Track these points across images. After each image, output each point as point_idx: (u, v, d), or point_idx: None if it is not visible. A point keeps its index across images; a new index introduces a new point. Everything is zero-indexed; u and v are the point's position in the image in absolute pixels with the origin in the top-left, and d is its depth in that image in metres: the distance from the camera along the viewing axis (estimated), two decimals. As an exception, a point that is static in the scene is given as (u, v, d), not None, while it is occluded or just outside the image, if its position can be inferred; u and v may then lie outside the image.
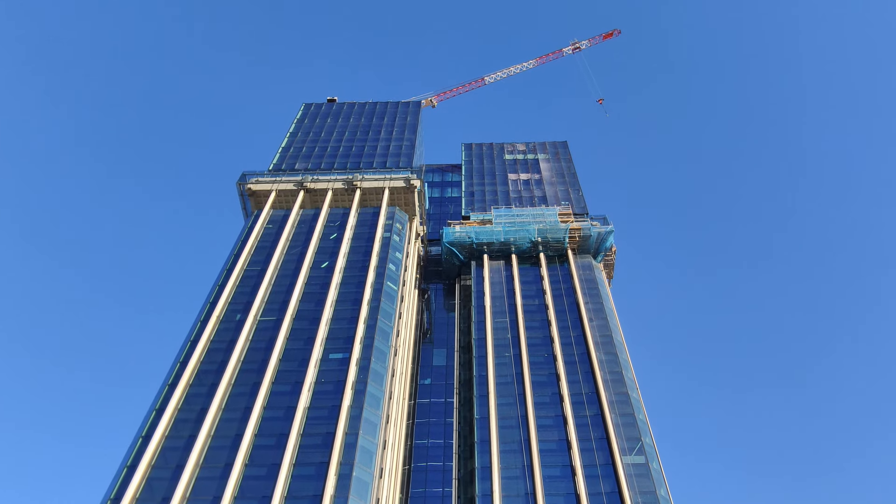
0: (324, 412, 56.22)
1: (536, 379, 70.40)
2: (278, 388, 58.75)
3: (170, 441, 53.78)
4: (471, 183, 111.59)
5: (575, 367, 71.45)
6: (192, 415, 55.98)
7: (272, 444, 53.36)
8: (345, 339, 64.16)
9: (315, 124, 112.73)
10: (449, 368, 79.63)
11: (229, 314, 67.81)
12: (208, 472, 51.22)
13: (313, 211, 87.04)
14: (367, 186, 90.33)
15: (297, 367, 60.69)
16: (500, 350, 74.62)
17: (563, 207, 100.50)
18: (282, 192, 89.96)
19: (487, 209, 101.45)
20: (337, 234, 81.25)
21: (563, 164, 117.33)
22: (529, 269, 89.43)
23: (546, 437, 63.50)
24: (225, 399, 57.73)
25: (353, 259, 76.77)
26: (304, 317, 67.26)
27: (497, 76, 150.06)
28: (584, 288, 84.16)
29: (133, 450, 53.07)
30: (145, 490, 49.90)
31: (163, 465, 51.68)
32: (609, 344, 74.50)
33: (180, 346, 64.08)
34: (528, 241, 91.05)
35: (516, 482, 59.28)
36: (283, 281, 72.83)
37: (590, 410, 65.79)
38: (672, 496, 58.96)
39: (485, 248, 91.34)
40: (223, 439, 53.88)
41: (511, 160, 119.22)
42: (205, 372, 60.46)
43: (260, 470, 51.30)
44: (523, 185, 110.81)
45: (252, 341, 64.26)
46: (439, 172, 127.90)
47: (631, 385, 69.52)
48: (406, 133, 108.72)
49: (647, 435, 63.84)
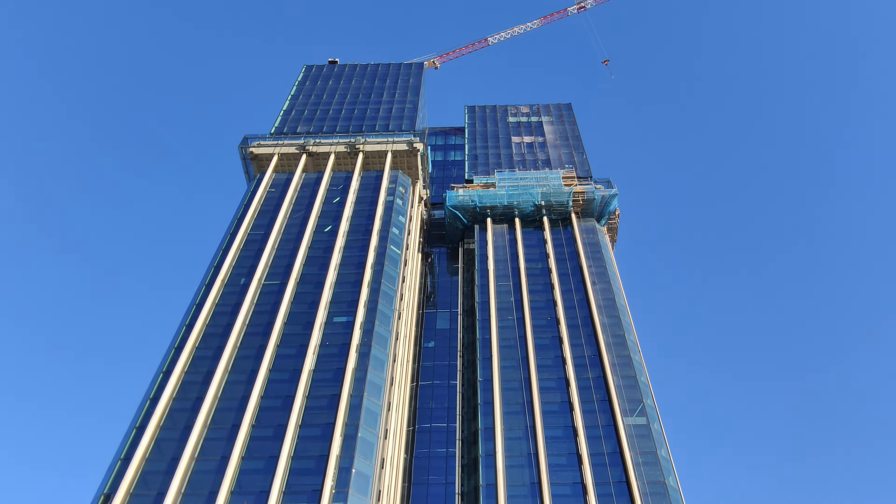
0: (329, 374, 56.88)
1: (539, 342, 70.96)
2: (283, 351, 59.36)
3: (177, 403, 54.55)
4: (474, 146, 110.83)
5: (577, 329, 71.94)
6: (199, 377, 56.70)
7: (278, 406, 54.13)
8: (349, 302, 64.57)
9: (316, 87, 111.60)
10: (452, 331, 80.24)
11: (234, 278, 68.15)
12: (216, 433, 52.05)
13: (316, 175, 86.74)
14: (369, 150, 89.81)
15: (302, 331, 61.21)
16: (503, 313, 75.06)
17: (566, 170, 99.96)
18: (284, 155, 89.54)
19: (491, 172, 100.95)
20: (340, 198, 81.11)
21: (567, 127, 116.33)
22: (533, 233, 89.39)
23: (549, 398, 64.27)
24: (231, 361, 58.37)
25: (356, 223, 76.80)
26: (308, 281, 67.59)
27: (500, 36, 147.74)
28: (588, 251, 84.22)
29: (141, 411, 53.88)
30: (154, 450, 50.79)
31: (171, 427, 52.49)
32: (612, 307, 74.87)
33: (185, 309, 64.61)
34: (531, 205, 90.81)
35: (519, 443, 60.20)
36: (287, 245, 73.01)
37: (592, 373, 66.45)
38: (672, 456, 59.89)
39: (488, 211, 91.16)
40: (230, 401, 54.65)
41: (515, 123, 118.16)
42: (210, 335, 61.03)
43: (266, 431, 52.12)
44: (527, 147, 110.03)
45: (257, 305, 64.70)
46: (442, 135, 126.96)
47: (633, 348, 70.07)
48: (408, 95, 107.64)
49: (649, 396, 64.58)
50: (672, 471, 58.04)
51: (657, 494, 54.77)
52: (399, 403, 63.20)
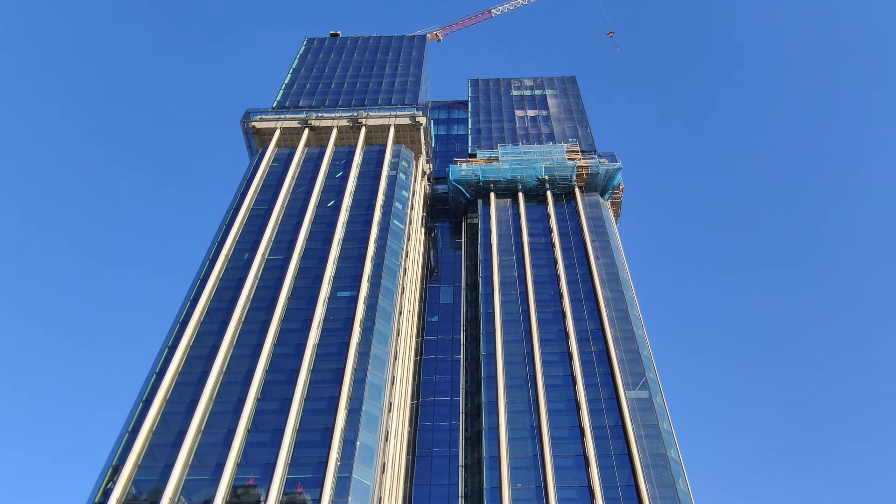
0: (333, 349, 57.23)
1: (542, 316, 71.18)
2: (288, 326, 59.67)
3: (183, 377, 55.02)
4: (477, 120, 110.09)
5: (581, 304, 72.10)
6: (204, 351, 57.09)
7: (283, 380, 54.57)
8: (352, 277, 64.72)
9: (318, 60, 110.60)
10: (456, 306, 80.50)
11: (237, 253, 68.27)
12: (222, 407, 52.57)
13: (318, 149, 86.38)
14: (372, 124, 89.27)
15: (306, 305, 61.46)
16: (506, 288, 75.22)
17: (570, 144, 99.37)
18: (286, 129, 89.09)
19: (494, 147, 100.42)
20: (343, 173, 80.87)
21: (571, 100, 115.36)
22: (536, 207, 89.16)
23: (551, 372, 64.67)
24: (236, 336, 58.73)
25: (359, 198, 76.65)
26: (311, 255, 67.69)
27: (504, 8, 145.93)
28: (591, 226, 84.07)
29: (148, 385, 54.38)
30: (161, 423, 51.36)
31: (177, 400, 53.01)
32: (615, 282, 74.93)
33: (189, 285, 64.83)
34: (535, 179, 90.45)
35: (522, 416, 60.73)
36: (290, 220, 72.98)
37: (595, 347, 66.74)
38: (674, 429, 60.39)
39: (491, 186, 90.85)
40: (235, 375, 55.10)
41: (518, 96, 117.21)
42: (215, 310, 61.33)
43: (272, 404, 52.62)
44: (530, 121, 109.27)
45: (261, 279, 64.90)
46: (445, 109, 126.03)
47: (636, 322, 70.27)
48: (411, 69, 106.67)
49: (651, 370, 64.92)
50: (674, 443, 58.57)
51: (659, 466, 55.34)
52: (403, 377, 63.65)
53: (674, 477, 54.78)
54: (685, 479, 56.08)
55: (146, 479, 47.54)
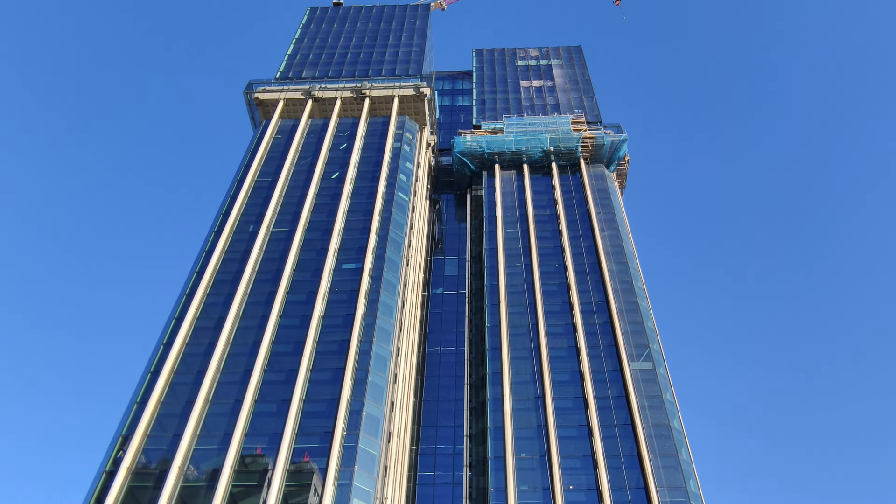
0: (338, 320, 57.57)
1: (547, 288, 71.32)
2: (293, 298, 59.97)
3: (190, 348, 55.50)
4: (482, 91, 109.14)
5: (585, 276, 72.16)
6: (211, 323, 57.51)
7: (289, 351, 55.02)
8: (357, 249, 64.83)
9: (321, 30, 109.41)
10: (460, 278, 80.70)
11: (242, 225, 68.39)
12: (229, 377, 53.13)
13: (322, 121, 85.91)
14: (376, 95, 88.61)
15: (311, 277, 61.69)
16: (511, 260, 75.25)
17: (576, 116, 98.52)
18: (290, 101, 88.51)
19: (499, 118, 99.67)
20: (347, 145, 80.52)
21: (576, 71, 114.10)
22: (541, 179, 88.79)
23: (556, 344, 64.99)
24: (242, 307, 59.09)
25: (363, 170, 76.43)
26: (316, 228, 67.76)
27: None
28: (596, 198, 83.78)
29: (155, 356, 54.90)
30: (169, 394, 51.97)
31: (185, 371, 53.56)
32: (620, 254, 74.87)
33: (195, 257, 65.11)
34: (540, 151, 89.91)
35: (526, 387, 61.20)
36: (294, 192, 72.92)
37: (599, 319, 66.95)
38: (678, 400, 60.81)
39: (496, 157, 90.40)
40: (242, 346, 55.56)
41: (524, 66, 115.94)
42: (221, 282, 61.64)
43: (278, 375, 53.12)
44: (536, 92, 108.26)
45: (266, 252, 65.08)
46: (450, 80, 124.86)
47: (640, 294, 70.35)
48: (415, 38, 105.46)
49: (655, 342, 65.15)
50: (677, 414, 59.03)
51: (661, 436, 55.84)
52: (408, 349, 64.08)
53: (676, 447, 55.30)
54: (688, 448, 56.63)
55: (155, 448, 48.26)
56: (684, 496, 51.87)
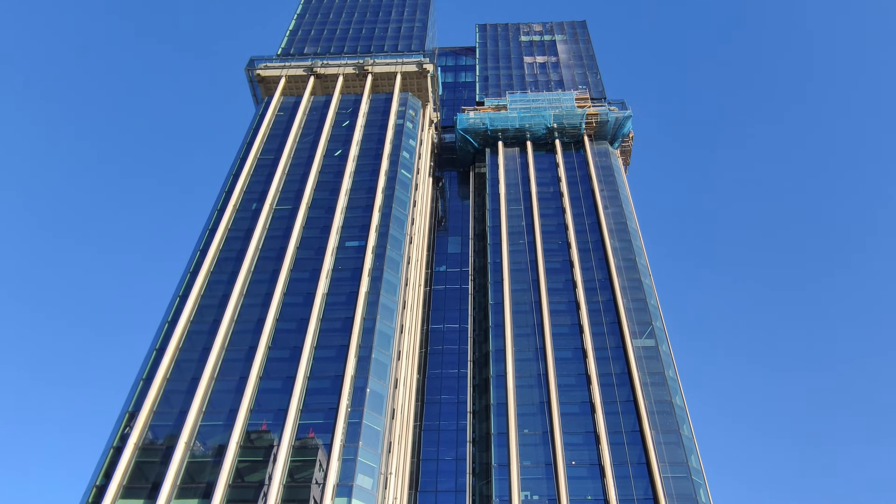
0: (342, 298, 57.80)
1: (550, 265, 71.39)
2: (297, 276, 60.16)
3: (195, 325, 55.84)
4: (485, 67, 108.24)
5: (589, 253, 72.18)
6: (215, 301, 57.79)
7: (293, 329, 55.33)
8: (360, 227, 64.85)
9: (323, 5, 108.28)
10: (464, 256, 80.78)
11: (245, 203, 68.38)
12: (234, 354, 53.51)
13: (324, 98, 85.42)
14: (378, 71, 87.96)
15: (315, 255, 61.82)
16: (514, 237, 75.25)
17: (580, 92, 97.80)
18: (291, 78, 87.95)
19: (502, 94, 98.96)
20: (349, 122, 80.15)
21: (581, 46, 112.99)
22: (544, 156, 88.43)
23: (559, 321, 65.21)
24: (246, 286, 59.32)
25: (366, 147, 76.17)
26: (319, 206, 67.74)
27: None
28: (600, 175, 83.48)
29: (160, 333, 55.25)
30: (175, 371, 52.40)
31: (190, 348, 53.94)
32: (623, 231, 74.79)
33: (198, 235, 65.17)
34: (543, 128, 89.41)
35: (529, 364, 61.54)
36: (297, 170, 72.78)
37: (602, 296, 67.09)
38: (680, 377, 61.11)
39: (499, 134, 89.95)
40: (246, 323, 55.87)
41: (527, 42, 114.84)
42: (225, 260, 61.82)
43: (283, 352, 53.49)
44: (539, 68, 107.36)
45: (269, 230, 65.15)
46: (452, 56, 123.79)
47: (644, 271, 70.39)
48: (418, 13, 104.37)
49: (658, 319, 65.32)
50: (679, 390, 59.37)
51: (663, 413, 56.23)
52: (411, 326, 64.38)
53: (678, 423, 55.71)
54: (690, 425, 57.05)
55: (162, 424, 48.80)
56: (685, 471, 52.38)
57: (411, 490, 57.99)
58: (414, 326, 66.22)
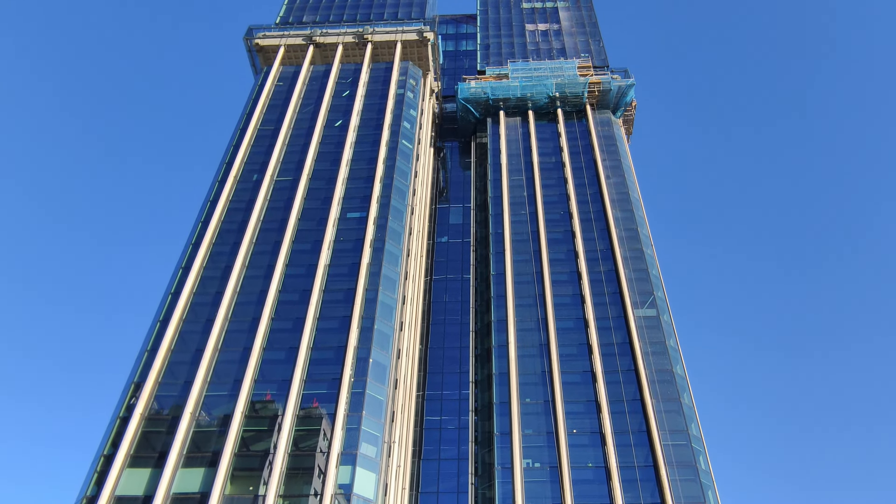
0: (344, 269, 57.92)
1: (552, 236, 71.34)
2: (299, 247, 60.21)
3: (198, 297, 56.08)
4: (486, 35, 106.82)
5: (590, 224, 72.07)
6: (218, 272, 57.94)
7: (296, 300, 55.55)
8: (361, 198, 64.69)
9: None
10: (465, 226, 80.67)
11: (246, 174, 68.12)
12: (237, 326, 53.82)
13: (324, 67, 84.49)
14: (378, 40, 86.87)
15: (316, 227, 61.79)
16: (515, 208, 75.08)
17: (582, 60, 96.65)
18: (290, 46, 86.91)
19: (504, 63, 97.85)
20: (349, 92, 79.38)
21: (583, 13, 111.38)
22: (546, 126, 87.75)
23: (560, 291, 65.39)
24: (248, 257, 59.40)
25: (366, 117, 75.58)
26: (320, 176, 67.48)
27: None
28: (602, 144, 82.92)
29: (164, 305, 55.50)
30: (178, 342, 52.76)
31: (193, 319, 54.25)
32: (625, 201, 74.56)
33: (200, 207, 65.06)
34: (545, 97, 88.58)
35: (531, 334, 61.87)
36: (298, 140, 72.33)
37: (604, 266, 67.16)
38: (681, 347, 61.47)
39: (501, 104, 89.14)
40: (249, 295, 56.10)
41: (529, 9, 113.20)
42: (226, 231, 61.82)
43: (286, 323, 53.78)
44: (541, 36, 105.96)
45: (270, 201, 65.02)
46: (453, 24, 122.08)
47: (646, 241, 70.36)
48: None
49: (660, 289, 65.48)
50: (680, 360, 59.76)
51: (664, 382, 56.70)
52: (413, 297, 64.59)
53: (679, 391, 56.20)
54: (690, 393, 57.55)
55: (167, 394, 49.31)
56: (686, 439, 52.98)
57: (415, 458, 58.81)
58: (416, 297, 66.46)
